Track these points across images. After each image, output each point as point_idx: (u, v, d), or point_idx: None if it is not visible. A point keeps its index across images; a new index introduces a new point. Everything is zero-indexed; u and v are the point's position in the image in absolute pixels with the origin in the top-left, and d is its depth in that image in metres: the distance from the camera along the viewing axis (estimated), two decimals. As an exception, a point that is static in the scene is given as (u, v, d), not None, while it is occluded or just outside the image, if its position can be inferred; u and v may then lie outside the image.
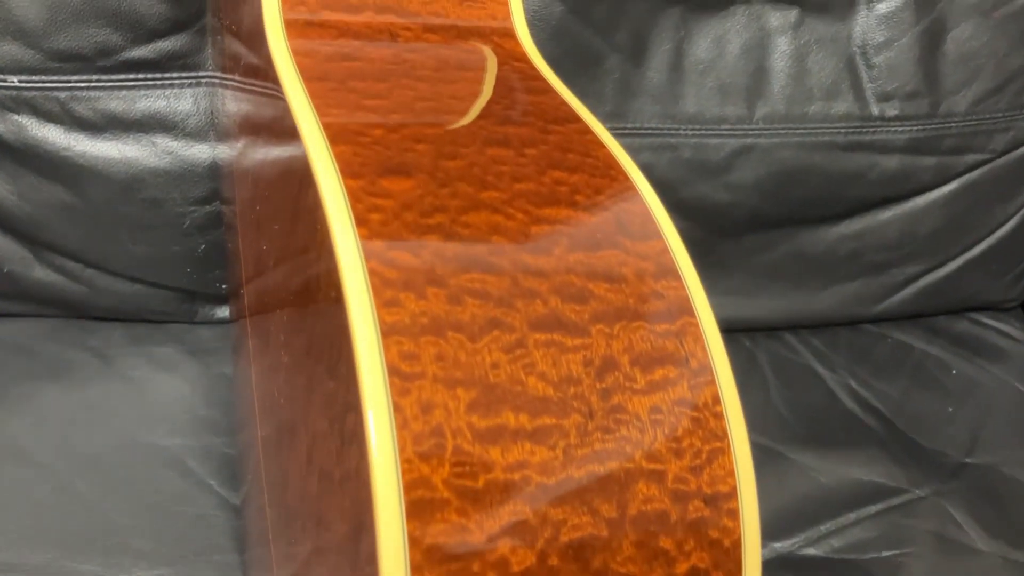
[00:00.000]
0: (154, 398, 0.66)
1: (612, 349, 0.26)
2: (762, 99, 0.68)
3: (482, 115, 0.32)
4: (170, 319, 0.69)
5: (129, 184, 0.62)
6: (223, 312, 0.69)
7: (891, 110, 0.69)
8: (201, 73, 0.62)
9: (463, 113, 0.32)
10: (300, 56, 0.33)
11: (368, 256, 0.25)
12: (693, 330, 0.27)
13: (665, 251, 0.28)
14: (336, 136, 0.29)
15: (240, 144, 0.53)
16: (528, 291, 0.26)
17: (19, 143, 0.60)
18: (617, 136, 0.71)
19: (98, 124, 0.61)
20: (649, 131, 0.68)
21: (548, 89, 0.36)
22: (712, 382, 0.26)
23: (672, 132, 0.68)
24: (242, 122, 0.52)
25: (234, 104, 0.55)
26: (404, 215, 0.27)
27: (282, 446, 0.37)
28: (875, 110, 0.69)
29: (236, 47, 0.50)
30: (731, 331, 0.80)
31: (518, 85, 0.35)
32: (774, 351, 0.76)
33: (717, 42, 0.67)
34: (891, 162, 0.71)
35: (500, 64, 0.36)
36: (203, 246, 0.65)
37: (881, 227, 0.74)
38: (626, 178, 0.31)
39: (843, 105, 0.69)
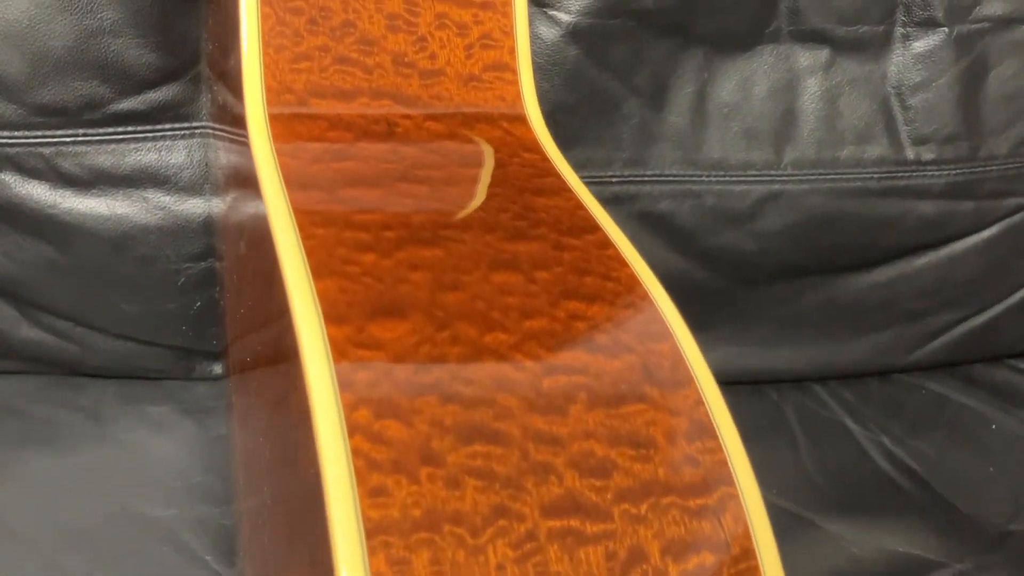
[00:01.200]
0: (148, 464, 0.62)
1: (639, 536, 0.22)
2: (791, 143, 0.64)
3: (488, 227, 0.28)
4: (166, 376, 0.66)
5: (119, 241, 0.59)
6: (220, 368, 0.66)
7: (928, 154, 0.65)
8: (195, 124, 0.58)
9: (467, 227, 0.28)
10: (285, 158, 0.30)
11: (352, 430, 0.22)
12: (733, 505, 0.23)
13: (699, 403, 0.25)
14: (320, 267, 0.25)
15: (230, 198, 0.49)
16: (540, 466, 0.22)
17: (2, 201, 0.57)
18: (636, 184, 0.68)
19: (85, 180, 0.57)
20: (670, 178, 0.64)
21: (562, 188, 0.32)
22: (755, 568, 0.23)
23: (695, 179, 0.64)
24: (232, 175, 0.48)
25: (225, 156, 0.52)
26: (396, 372, 0.23)
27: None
28: (911, 154, 0.65)
29: (226, 97, 0.47)
30: (757, 383, 0.76)
31: (529, 185, 0.31)
32: (802, 404, 0.72)
33: (743, 84, 0.63)
34: (927, 208, 0.67)
35: (509, 157, 0.33)
36: (199, 303, 0.61)
37: (916, 274, 0.70)
38: (652, 306, 0.27)
39: (877, 149, 0.65)
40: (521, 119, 0.35)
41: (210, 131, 0.58)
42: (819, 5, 0.62)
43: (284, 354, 0.26)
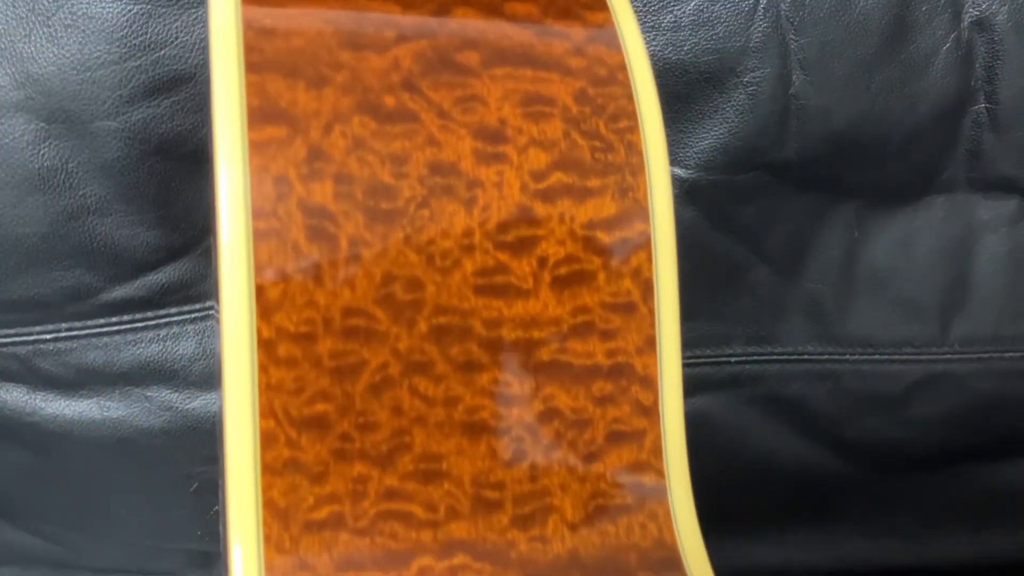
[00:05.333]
0: None
1: None
2: (961, 315, 0.50)
3: None
4: (179, 573, 0.55)
5: (116, 447, 0.47)
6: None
7: None
8: (207, 303, 0.46)
9: None
10: None
11: None
12: None
13: None
14: None
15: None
16: None
17: (-30, 409, 0.46)
18: (761, 363, 0.54)
19: (72, 381, 0.46)
20: (804, 357, 0.50)
21: None
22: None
23: (835, 358, 0.51)
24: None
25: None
26: None
27: None
28: (1115, 327, 0.51)
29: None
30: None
31: None
32: (948, 610, 0.59)
33: (903, 244, 0.49)
34: None
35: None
36: (216, 507, 0.50)
37: (1103, 459, 0.56)
38: None
39: (1072, 322, 0.51)
40: (674, 565, 0.22)
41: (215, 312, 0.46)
42: (1010, 147, 0.48)
43: None
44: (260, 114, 0.21)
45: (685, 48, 0.44)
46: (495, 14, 0.23)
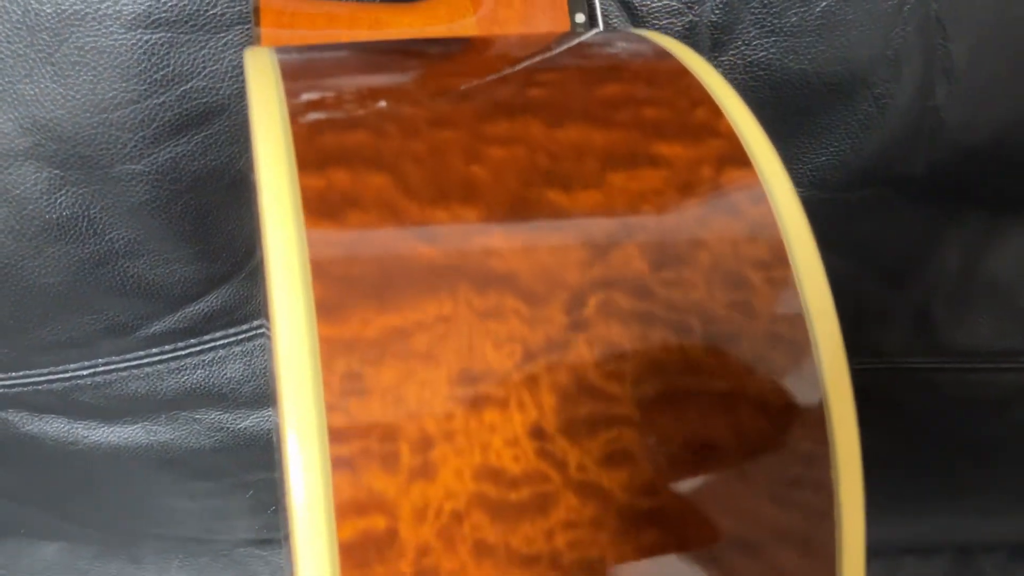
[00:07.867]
0: None
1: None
2: (1083, 325, 0.45)
3: None
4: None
5: (166, 465, 0.45)
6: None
7: None
8: (254, 323, 0.42)
9: None
10: None
11: None
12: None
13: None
14: None
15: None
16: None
17: (11, 440, 0.42)
18: (860, 372, 0.50)
19: (114, 410, 0.42)
20: (906, 365, 0.46)
21: None
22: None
23: (937, 367, 0.46)
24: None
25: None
26: None
27: None
28: None
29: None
30: (970, 552, 0.61)
31: None
32: (1022, 581, 0.57)
33: (1031, 254, 0.44)
34: None
35: None
36: (274, 507, 0.48)
37: None
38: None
39: None
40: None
41: (265, 330, 0.42)
42: None
43: None
44: (353, 507, 0.16)
45: (809, 55, 0.36)
46: (643, 296, 0.18)
